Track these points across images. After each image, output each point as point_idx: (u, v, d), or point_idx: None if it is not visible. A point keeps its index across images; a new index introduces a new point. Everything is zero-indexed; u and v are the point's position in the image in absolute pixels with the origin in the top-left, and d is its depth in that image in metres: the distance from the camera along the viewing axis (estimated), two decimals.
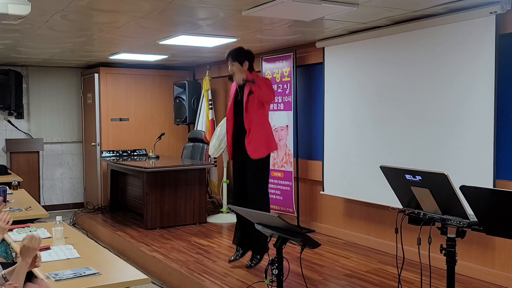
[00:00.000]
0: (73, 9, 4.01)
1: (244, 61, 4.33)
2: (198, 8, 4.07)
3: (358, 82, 5.17)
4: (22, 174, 7.00)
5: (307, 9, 3.90)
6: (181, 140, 8.32)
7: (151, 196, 6.15)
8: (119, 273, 2.72)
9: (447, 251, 2.61)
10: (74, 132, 8.40)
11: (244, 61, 4.33)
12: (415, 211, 2.74)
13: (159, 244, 5.46)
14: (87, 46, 6.05)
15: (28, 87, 8.02)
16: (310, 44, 5.76)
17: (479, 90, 4.03)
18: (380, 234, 5.18)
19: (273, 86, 4.47)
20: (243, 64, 4.32)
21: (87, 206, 8.06)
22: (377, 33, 4.87)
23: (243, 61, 4.32)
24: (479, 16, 3.97)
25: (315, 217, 6.03)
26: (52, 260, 2.85)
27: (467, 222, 2.48)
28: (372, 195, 4.95)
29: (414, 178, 2.62)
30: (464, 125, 4.15)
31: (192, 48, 6.11)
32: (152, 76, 8.17)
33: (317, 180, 5.83)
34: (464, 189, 2.34)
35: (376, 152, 4.94)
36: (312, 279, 4.26)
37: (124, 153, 7.55)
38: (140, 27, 4.80)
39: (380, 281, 4.19)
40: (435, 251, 2.64)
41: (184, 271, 4.48)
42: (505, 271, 4.07)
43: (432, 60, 4.39)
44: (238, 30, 5.01)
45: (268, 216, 2.93)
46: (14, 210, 4.18)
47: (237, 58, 4.32)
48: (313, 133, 6.00)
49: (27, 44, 5.86)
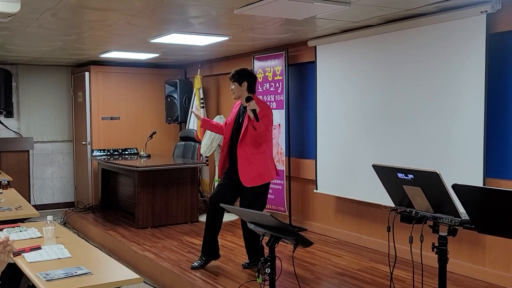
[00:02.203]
0: (63, 7, 3.98)
1: (243, 82, 4.36)
2: (189, 6, 4.06)
3: (350, 80, 5.18)
4: (12, 173, 6.94)
5: (299, 7, 3.90)
6: (173, 139, 8.30)
7: (143, 195, 6.13)
8: (111, 273, 2.70)
9: (439, 249, 2.62)
10: (64, 131, 8.35)
11: (243, 81, 4.36)
12: (407, 209, 2.76)
13: (151, 243, 5.44)
14: (77, 45, 6.01)
15: (18, 85, 7.96)
16: (302, 42, 5.76)
17: (469, 89, 4.05)
18: (372, 233, 5.19)
19: (272, 117, 4.44)
20: (241, 84, 4.36)
21: (78, 205, 8.01)
22: (369, 32, 4.88)
23: (242, 82, 4.36)
24: (470, 15, 4.00)
25: (307, 216, 6.04)
26: (43, 260, 2.83)
27: (459, 221, 2.49)
28: (364, 193, 4.97)
29: (406, 176, 2.63)
30: (455, 123, 4.17)
31: (183, 47, 6.09)
32: (144, 75, 8.14)
33: (309, 179, 5.83)
34: (456, 187, 2.35)
35: (368, 151, 4.96)
36: (304, 277, 4.27)
37: (115, 152, 7.51)
38: (131, 25, 4.78)
39: (372, 279, 4.20)
40: (427, 250, 2.65)
41: (176, 270, 4.47)
42: (496, 269, 4.10)
43: (423, 59, 4.41)
44: (230, 29, 5.00)
45: (261, 215, 2.93)
46: (4, 209, 4.14)
47: (238, 78, 4.37)
48: (305, 131, 6.00)
49: (16, 42, 5.81)
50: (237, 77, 4.37)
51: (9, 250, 2.50)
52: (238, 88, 4.36)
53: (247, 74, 4.41)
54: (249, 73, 4.45)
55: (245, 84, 4.35)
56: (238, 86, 4.36)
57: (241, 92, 4.37)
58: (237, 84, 4.36)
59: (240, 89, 4.36)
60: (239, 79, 4.36)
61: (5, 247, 2.48)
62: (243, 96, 4.36)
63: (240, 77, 4.36)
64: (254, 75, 4.52)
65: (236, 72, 4.41)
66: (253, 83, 4.42)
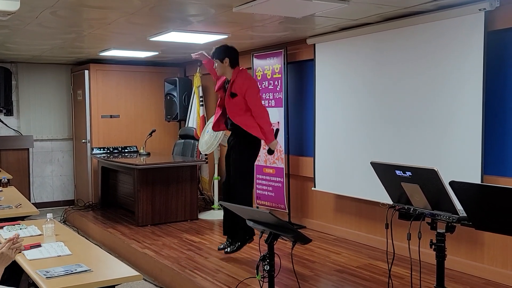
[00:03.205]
0: (62, 5, 3.98)
1: (225, 59, 4.45)
2: (189, 4, 4.07)
3: (349, 78, 5.19)
4: (12, 171, 6.95)
5: (298, 5, 3.91)
6: (172, 137, 8.31)
7: (142, 193, 6.14)
8: (110, 270, 2.72)
9: (437, 246, 2.64)
10: (64, 129, 8.36)
11: (224, 58, 4.44)
12: (405, 206, 2.77)
13: (151, 241, 5.46)
14: (77, 43, 6.01)
15: (18, 84, 7.96)
16: (301, 40, 5.77)
17: (467, 87, 4.06)
18: (371, 230, 5.21)
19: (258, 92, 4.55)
20: (223, 61, 4.45)
21: (77, 203, 8.02)
22: (367, 30, 4.89)
23: (223, 59, 4.45)
24: (469, 13, 4.00)
25: (306, 213, 6.06)
26: (43, 258, 2.84)
27: (457, 217, 2.51)
28: (363, 191, 4.98)
29: (404, 174, 2.64)
30: (453, 121, 4.18)
31: (183, 45, 6.09)
32: (143, 73, 8.14)
33: (308, 177, 5.85)
34: (454, 184, 2.37)
35: (366, 148, 4.97)
36: (303, 275, 4.28)
37: (115, 150, 7.52)
38: (131, 24, 4.78)
39: (371, 276, 4.22)
40: (425, 246, 2.67)
41: (175, 267, 4.48)
42: (494, 266, 4.12)
43: (421, 57, 4.42)
44: (229, 27, 5.01)
45: (260, 212, 2.95)
46: (4, 207, 4.16)
47: (218, 56, 4.46)
48: (304, 129, 6.01)
49: (16, 41, 5.81)
50: (218, 55, 4.46)
51: (17, 248, 2.53)
52: (220, 65, 4.47)
53: (227, 50, 4.49)
54: (229, 48, 4.51)
55: (227, 60, 4.45)
56: (220, 63, 4.46)
57: (224, 69, 4.48)
58: (219, 62, 4.46)
59: (222, 65, 4.46)
60: (219, 56, 4.45)
61: (14, 244, 2.51)
62: (226, 72, 4.47)
63: (220, 54, 4.45)
64: (234, 49, 4.55)
65: (216, 49, 4.50)
66: (234, 58, 4.50)
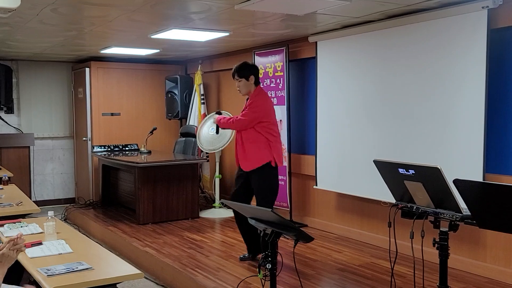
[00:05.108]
0: (63, 2, 3.97)
1: (250, 76, 4.34)
2: (190, 1, 4.05)
3: (350, 76, 5.17)
4: (13, 169, 6.94)
5: (300, 3, 3.89)
6: (173, 135, 8.29)
7: (143, 191, 6.13)
8: (111, 268, 2.71)
9: (440, 245, 2.63)
10: (65, 127, 8.35)
11: (250, 76, 4.34)
12: (408, 205, 2.75)
13: (152, 239, 5.45)
14: (78, 40, 6.00)
15: (18, 81, 7.95)
16: (303, 38, 5.75)
17: (470, 85, 4.04)
18: (373, 228, 5.20)
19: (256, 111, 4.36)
20: (249, 78, 4.34)
21: (78, 201, 8.02)
22: (369, 28, 4.87)
23: (249, 76, 4.34)
24: (471, 11, 3.99)
25: (308, 212, 6.05)
26: (44, 255, 2.83)
27: (460, 216, 2.49)
28: (365, 189, 4.96)
29: (407, 172, 2.63)
30: (456, 119, 4.17)
31: (184, 42, 6.08)
32: (144, 71, 8.13)
33: (310, 175, 5.83)
34: (457, 182, 2.35)
35: (369, 147, 4.95)
36: (305, 273, 4.27)
37: (116, 148, 7.51)
38: (132, 21, 4.77)
39: (373, 275, 4.20)
40: (428, 245, 2.65)
41: (176, 266, 4.47)
42: (496, 265, 4.11)
43: (424, 55, 4.40)
44: (231, 24, 4.99)
45: (262, 210, 2.93)
46: (5, 205, 4.15)
47: (243, 74, 4.33)
48: (306, 127, 6.00)
49: (17, 38, 5.80)
50: (243, 73, 4.33)
51: (19, 248, 2.52)
52: (246, 83, 4.33)
53: (251, 67, 4.39)
54: (251, 65, 4.44)
55: (252, 78, 4.34)
56: (245, 81, 4.32)
57: (249, 87, 4.34)
58: (245, 80, 4.32)
59: (248, 83, 4.34)
60: (245, 74, 4.32)
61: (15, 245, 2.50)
62: (252, 90, 4.34)
63: (245, 72, 4.33)
64: (256, 66, 4.52)
65: (239, 68, 4.35)
66: (258, 74, 4.42)
